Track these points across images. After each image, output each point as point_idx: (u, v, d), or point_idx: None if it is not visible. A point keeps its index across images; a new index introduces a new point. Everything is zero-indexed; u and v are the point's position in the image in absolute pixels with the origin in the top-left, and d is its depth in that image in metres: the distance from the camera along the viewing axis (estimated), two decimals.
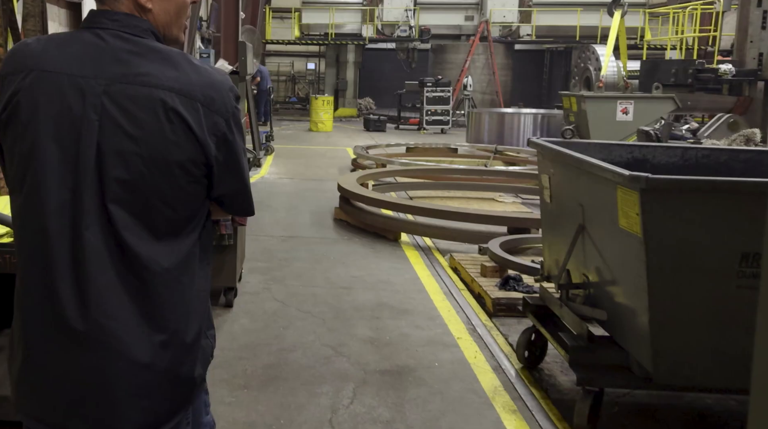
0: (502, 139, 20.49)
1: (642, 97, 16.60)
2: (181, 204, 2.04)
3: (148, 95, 1.95)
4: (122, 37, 2.00)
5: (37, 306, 2.01)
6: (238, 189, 2.21)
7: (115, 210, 1.96)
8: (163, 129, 1.95)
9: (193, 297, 2.12)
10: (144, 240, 1.99)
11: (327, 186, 13.68)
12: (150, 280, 2.01)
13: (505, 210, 11.83)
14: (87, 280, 1.96)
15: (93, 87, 1.95)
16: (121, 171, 1.95)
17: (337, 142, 23.35)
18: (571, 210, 5.16)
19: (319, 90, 38.04)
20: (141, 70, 1.97)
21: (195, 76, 2.02)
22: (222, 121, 2.04)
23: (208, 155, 2.03)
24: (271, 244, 9.34)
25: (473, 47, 30.84)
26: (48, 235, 1.97)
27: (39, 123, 1.97)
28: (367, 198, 10.08)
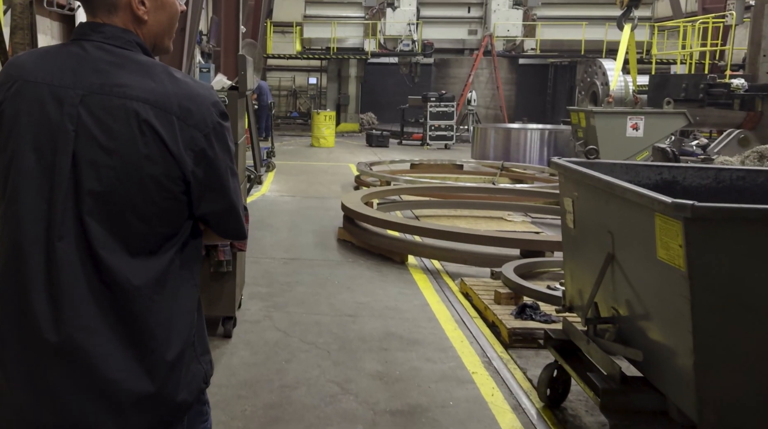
0: (508, 155, 20.05)
1: (653, 113, 16.16)
2: (157, 220, 2.00)
3: (123, 106, 1.93)
4: (105, 48, 2.01)
5: (11, 317, 1.98)
6: (223, 209, 2.14)
7: (89, 222, 1.94)
8: (135, 141, 1.92)
9: (173, 317, 2.06)
10: (117, 255, 1.96)
11: (330, 204, 13.28)
12: (121, 296, 1.96)
13: (514, 230, 11.44)
14: (60, 292, 1.93)
15: (71, 97, 1.95)
16: (94, 183, 1.93)
17: (340, 157, 22.95)
18: (599, 238, 4.75)
19: (321, 105, 37.84)
20: (118, 80, 1.96)
21: (172, 87, 2.00)
22: (200, 136, 2.00)
23: (184, 171, 1.98)
24: (273, 267, 8.93)
25: (477, 61, 30.45)
26: (22, 245, 1.96)
27: (19, 132, 1.98)
28: (372, 218, 9.67)
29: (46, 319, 1.92)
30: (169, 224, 2.04)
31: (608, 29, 30.54)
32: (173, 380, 2.05)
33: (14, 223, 1.98)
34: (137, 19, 2.07)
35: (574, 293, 5.38)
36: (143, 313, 1.99)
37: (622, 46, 18.41)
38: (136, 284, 1.97)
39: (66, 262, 1.93)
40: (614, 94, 23.50)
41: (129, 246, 1.97)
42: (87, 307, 1.94)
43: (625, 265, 4.43)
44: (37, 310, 1.93)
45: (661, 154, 12.29)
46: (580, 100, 25.94)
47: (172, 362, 2.04)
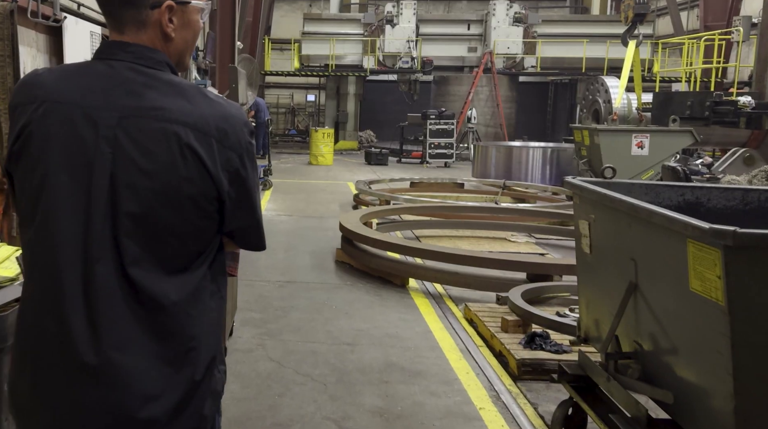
0: (509, 173, 19.68)
1: (658, 131, 15.80)
2: (192, 238, 2.02)
3: (162, 129, 1.93)
4: (136, 69, 2.01)
5: (47, 341, 1.98)
6: (249, 224, 2.18)
7: (126, 243, 1.94)
8: (176, 164, 1.93)
9: (203, 330, 2.08)
10: (153, 274, 1.97)
11: (328, 224, 12.89)
12: (160, 313, 1.98)
13: (518, 251, 11.07)
14: (98, 313, 1.93)
15: (106, 119, 1.94)
16: (132, 204, 1.93)
17: (338, 176, 22.53)
18: (620, 265, 4.36)
19: (319, 122, 37.51)
20: (155, 103, 1.96)
21: (208, 109, 2.00)
22: (235, 157, 2.03)
23: (220, 191, 2.01)
24: (267, 291, 8.52)
25: (477, 79, 30.12)
26: (59, 268, 1.95)
27: (51, 154, 1.96)
28: (371, 239, 9.27)
29: (84, 342, 1.93)
30: (202, 242, 2.06)
31: (609, 47, 30.29)
32: (202, 393, 2.08)
33: (49, 245, 1.96)
34: (165, 36, 2.07)
35: (590, 323, 5.00)
36: (181, 328, 2.02)
37: (627, 62, 18.03)
38: (174, 300, 1.99)
39: (104, 283, 1.93)
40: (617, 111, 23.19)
41: (164, 265, 1.98)
42: (125, 327, 1.95)
43: (650, 296, 4.04)
44: (75, 333, 1.93)
45: (671, 174, 11.89)
46: (582, 118, 25.56)
47: (203, 376, 2.07)
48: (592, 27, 31.94)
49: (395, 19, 32.19)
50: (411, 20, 32.10)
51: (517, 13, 31.69)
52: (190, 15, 2.14)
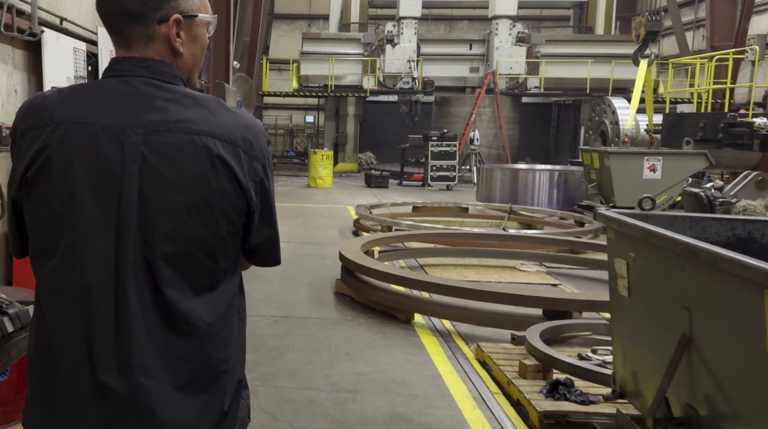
0: (515, 197, 19.04)
1: (671, 153, 15.21)
2: (222, 255, 1.98)
3: (191, 142, 1.90)
4: (154, 84, 1.97)
5: (74, 369, 1.91)
6: (270, 237, 2.14)
7: (158, 263, 1.89)
8: (207, 176, 1.90)
9: (232, 354, 2.04)
10: (185, 295, 1.93)
11: (327, 251, 12.25)
12: (195, 335, 1.94)
13: (530, 281, 10.45)
14: (130, 340, 1.88)
15: (131, 137, 1.90)
16: (165, 223, 1.89)
17: (337, 199, 21.89)
18: (669, 313, 3.73)
19: (318, 144, 37.03)
20: (180, 116, 1.93)
21: (231, 119, 1.98)
22: (260, 167, 2.01)
23: (249, 202, 1.99)
24: (261, 327, 7.86)
25: (479, 99, 29.57)
26: (91, 294, 1.89)
27: (74, 177, 1.90)
28: (373, 271, 8.61)
29: (113, 371, 1.88)
30: (229, 258, 2.02)
31: (614, 67, 29.79)
32: (230, 421, 2.06)
33: (78, 271, 1.90)
34: (173, 51, 2.03)
35: (627, 376, 4.36)
36: (214, 351, 1.98)
37: (638, 82, 17.43)
38: (208, 321, 1.95)
39: (137, 308, 1.88)
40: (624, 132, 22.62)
41: (195, 285, 1.94)
42: (157, 353, 1.90)
43: (710, 353, 3.42)
44: (104, 358, 1.88)
45: (693, 200, 11.25)
46: (588, 140, 25.00)
47: (231, 402, 2.05)
48: (597, 47, 31.38)
49: (396, 39, 31.75)
50: (412, 40, 31.62)
51: (520, 32, 31.21)
52: (197, 29, 2.08)
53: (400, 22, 31.73)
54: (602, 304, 7.38)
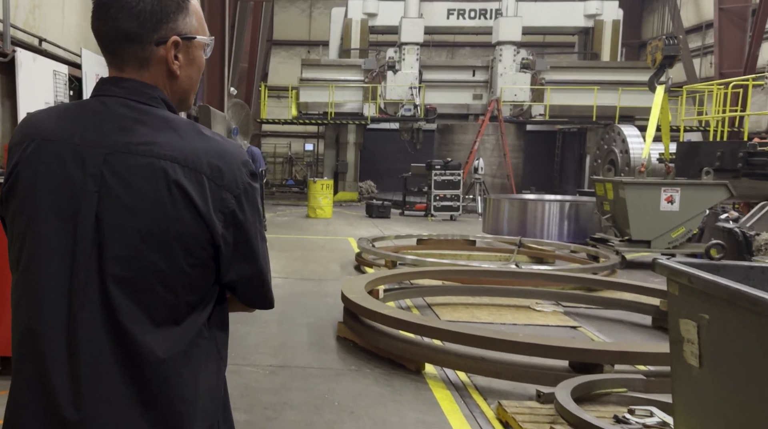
0: (524, 229, 18.28)
1: (690, 184, 14.45)
2: (183, 288, 1.89)
3: (149, 165, 1.84)
4: (128, 104, 1.93)
5: (28, 392, 1.89)
6: (251, 275, 2.02)
7: (113, 290, 1.84)
8: (163, 202, 1.84)
9: (199, 393, 1.93)
10: (141, 325, 1.85)
11: (328, 288, 11.47)
12: (145, 369, 1.85)
13: (547, 323, 9.69)
14: (81, 365, 1.84)
15: (93, 156, 1.88)
16: (119, 247, 1.85)
17: (338, 230, 21.10)
18: (761, 393, 2.95)
19: (318, 172, 36.35)
20: (144, 139, 1.88)
21: (201, 144, 1.90)
22: (231, 197, 1.91)
23: (213, 234, 1.89)
24: (255, 380, 7.07)
25: (483, 127, 28.89)
26: (42, 315, 1.87)
27: (38, 195, 1.90)
28: (379, 315, 7.81)
29: (66, 394, 1.83)
30: (196, 292, 1.92)
31: (620, 94, 29.18)
32: None
33: (32, 291, 1.89)
34: (170, 74, 2.00)
35: None
36: (168, 388, 1.88)
37: (655, 109, 16.67)
38: (162, 357, 1.86)
39: (88, 332, 1.84)
40: (634, 162, 21.90)
41: (154, 315, 1.86)
42: (110, 382, 1.84)
43: None
44: (56, 384, 1.83)
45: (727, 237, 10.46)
46: (596, 169, 24.28)
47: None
48: (603, 74, 30.77)
49: (397, 65, 31.18)
50: (414, 66, 31.03)
51: (524, 59, 30.65)
52: (194, 51, 2.04)
53: (401, 48, 31.15)
54: (636, 356, 6.63)
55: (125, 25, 1.92)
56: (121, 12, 1.92)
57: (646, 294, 9.99)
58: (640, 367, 6.95)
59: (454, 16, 33.11)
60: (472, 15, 32.99)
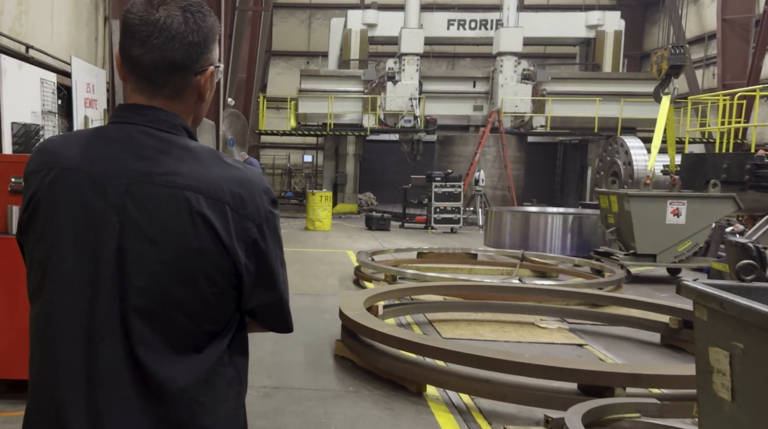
0: (526, 242, 17.93)
1: (697, 197, 14.12)
2: (205, 317, 1.88)
3: (173, 196, 1.83)
4: (148, 133, 1.91)
5: (44, 423, 1.87)
6: (272, 302, 2.00)
7: (133, 320, 1.82)
8: (186, 233, 1.82)
9: (218, 422, 1.92)
10: (161, 354, 1.83)
11: (326, 303, 11.14)
12: (166, 399, 1.83)
13: (552, 341, 9.38)
14: (100, 397, 1.82)
15: (115, 186, 1.86)
16: (141, 278, 1.82)
17: (337, 243, 20.75)
18: None
19: (317, 184, 36.01)
20: (167, 169, 1.86)
21: (222, 173, 1.89)
22: (253, 226, 1.89)
23: (236, 264, 1.87)
24: (249, 403, 6.59)
25: (484, 138, 28.54)
26: (61, 346, 1.85)
27: (57, 224, 1.89)
28: (379, 334, 7.48)
29: (82, 427, 1.81)
30: (217, 321, 1.91)
31: (623, 105, 28.90)
32: None
33: (51, 322, 1.87)
34: (200, 98, 2.01)
35: None
36: (189, 417, 1.87)
37: (660, 120, 16.32)
38: (182, 385, 1.85)
39: (108, 363, 1.82)
40: (637, 174, 21.60)
41: (174, 344, 1.85)
42: (129, 413, 1.82)
43: None
44: (72, 418, 1.81)
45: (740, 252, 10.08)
46: (599, 181, 23.95)
47: None
48: (604, 85, 30.44)
49: (397, 76, 30.83)
50: (414, 77, 30.70)
51: (525, 70, 30.31)
52: (214, 77, 2.03)
53: (401, 58, 30.82)
54: (649, 379, 6.30)
55: (174, 55, 1.90)
56: (171, 42, 1.90)
57: (653, 310, 9.67)
58: (653, 390, 6.61)
59: (455, 27, 32.84)
60: (473, 25, 32.73)
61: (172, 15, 1.91)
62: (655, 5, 40.29)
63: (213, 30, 1.99)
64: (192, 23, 1.92)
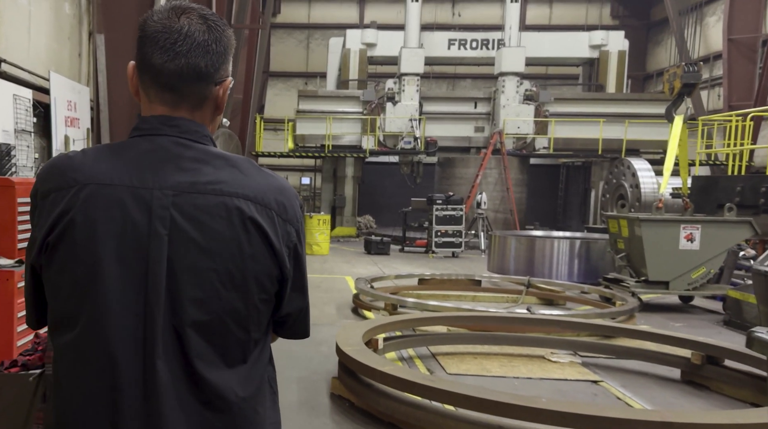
0: (531, 268, 17.28)
1: (712, 221, 13.49)
2: (254, 325, 1.91)
3: (223, 204, 1.85)
4: (183, 143, 1.92)
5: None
6: (302, 307, 2.07)
7: (189, 334, 1.82)
8: (239, 240, 1.84)
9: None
10: (217, 367, 1.84)
11: (323, 334, 10.49)
12: (227, 411, 1.85)
13: (565, 377, 8.75)
14: (160, 415, 1.79)
15: (159, 199, 1.83)
16: (195, 290, 1.82)
17: (335, 268, 20.08)
18: None
19: (315, 207, 35.36)
20: (211, 178, 1.88)
21: (265, 182, 1.93)
22: (294, 231, 1.96)
23: (282, 269, 1.92)
24: None
25: (485, 160, 27.91)
26: (117, 367, 1.80)
27: (99, 243, 1.83)
28: (380, 374, 6.83)
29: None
30: (261, 328, 1.94)
31: (627, 127, 28.36)
32: None
33: (102, 342, 1.81)
34: (217, 109, 2.03)
35: None
36: (248, 427, 1.89)
37: (673, 140, 15.67)
38: (242, 395, 1.87)
39: (167, 381, 1.79)
40: (645, 197, 21.01)
41: (226, 357, 1.86)
42: (194, 427, 1.82)
43: None
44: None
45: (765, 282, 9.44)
46: (605, 204, 23.33)
47: None
48: (608, 106, 29.84)
49: (397, 97, 30.21)
50: (414, 97, 30.09)
51: (527, 90, 29.72)
52: (227, 90, 2.04)
53: (401, 78, 30.23)
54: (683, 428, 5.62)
55: (198, 62, 1.90)
56: (196, 49, 1.90)
57: (672, 344, 9.01)
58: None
59: (456, 47, 32.29)
60: (474, 45, 32.19)
61: (195, 23, 1.91)
62: (657, 26, 39.94)
63: (231, 41, 2.00)
64: (215, 32, 1.94)
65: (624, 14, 41.67)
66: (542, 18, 42.43)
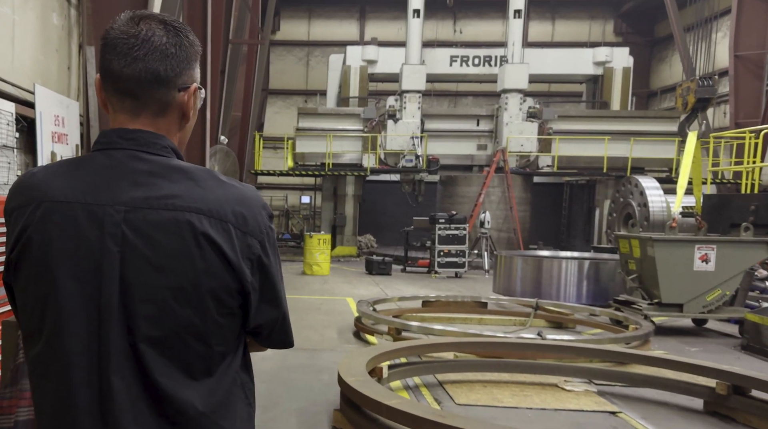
0: (539, 289, 16.76)
1: (728, 241, 12.99)
2: (216, 338, 1.85)
3: (174, 219, 1.80)
4: (139, 157, 1.88)
5: None
6: (276, 318, 2.00)
7: (144, 350, 1.79)
8: (192, 256, 1.79)
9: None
10: (177, 381, 1.81)
11: (323, 361, 10.00)
12: (186, 425, 1.82)
13: (581, 408, 8.25)
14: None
15: (111, 215, 1.81)
16: (148, 306, 1.78)
17: (336, 289, 19.53)
18: None
19: (315, 226, 34.92)
20: (165, 192, 1.83)
21: (222, 192, 1.87)
22: (256, 243, 1.89)
23: (243, 282, 1.86)
24: None
25: (488, 179, 27.43)
26: (72, 385, 1.79)
27: (54, 260, 1.81)
28: (385, 407, 6.32)
29: None
30: (226, 342, 1.89)
31: (633, 145, 27.92)
32: None
33: (61, 361, 1.80)
34: (184, 118, 1.98)
35: None
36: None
37: (687, 157, 15.18)
38: (202, 410, 1.83)
39: (122, 397, 1.77)
40: (654, 216, 20.53)
41: (187, 369, 1.82)
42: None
43: None
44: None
45: None
46: (612, 223, 22.85)
47: None
48: (613, 124, 29.38)
49: (398, 114, 29.76)
50: (415, 115, 29.64)
51: (531, 107, 29.27)
52: (198, 99, 2.02)
53: (402, 96, 29.79)
54: None
55: (156, 66, 1.87)
56: (153, 53, 1.86)
57: (692, 372, 8.50)
58: None
59: (458, 63, 31.88)
60: (476, 62, 31.79)
61: (153, 29, 1.88)
62: (661, 43, 39.63)
63: (194, 46, 1.95)
64: (173, 36, 1.89)
65: (627, 31, 41.33)
66: (545, 35, 42.09)
